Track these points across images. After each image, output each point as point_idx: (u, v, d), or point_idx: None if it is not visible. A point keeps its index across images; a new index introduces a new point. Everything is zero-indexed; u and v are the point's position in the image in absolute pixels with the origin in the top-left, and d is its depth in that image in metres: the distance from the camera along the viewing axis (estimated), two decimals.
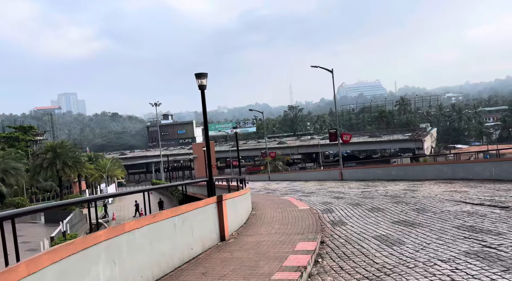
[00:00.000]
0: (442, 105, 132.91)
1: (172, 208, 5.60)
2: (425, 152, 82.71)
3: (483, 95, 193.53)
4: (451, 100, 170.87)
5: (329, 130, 26.59)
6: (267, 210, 12.06)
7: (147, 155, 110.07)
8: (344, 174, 25.60)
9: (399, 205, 10.66)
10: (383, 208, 10.50)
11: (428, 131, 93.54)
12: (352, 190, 17.14)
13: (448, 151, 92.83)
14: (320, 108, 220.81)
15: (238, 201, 9.11)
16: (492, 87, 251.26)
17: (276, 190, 23.91)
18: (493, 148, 71.08)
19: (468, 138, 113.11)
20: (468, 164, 16.11)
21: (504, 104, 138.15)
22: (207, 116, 7.35)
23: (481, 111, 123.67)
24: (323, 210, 11.48)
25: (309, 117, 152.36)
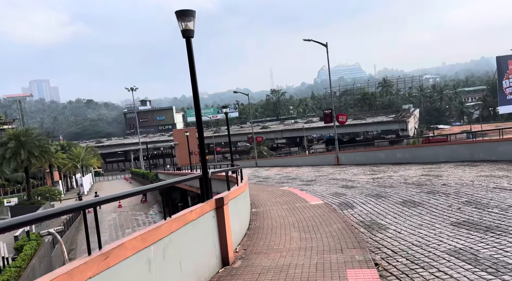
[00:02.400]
0: (423, 87, 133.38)
1: (144, 231, 3.15)
2: (409, 133, 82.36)
3: (460, 76, 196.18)
4: (429, 82, 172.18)
5: (323, 111, 24.39)
6: (270, 207, 9.74)
7: (125, 143, 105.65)
8: (340, 158, 23.58)
9: (438, 196, 8.55)
10: (419, 201, 8.36)
11: (412, 112, 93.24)
12: (359, 177, 15.05)
13: (431, 131, 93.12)
14: (301, 92, 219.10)
15: (239, 201, 6.71)
16: (468, 68, 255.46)
17: (268, 177, 21.66)
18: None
19: (449, 118, 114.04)
20: (490, 143, 14.29)
21: (481, 84, 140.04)
22: (196, 77, 4.85)
23: (461, 92, 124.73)
24: (340, 205, 9.27)
25: (291, 101, 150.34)
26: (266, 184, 17.62)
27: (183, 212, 4.03)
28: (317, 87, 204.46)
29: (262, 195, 12.67)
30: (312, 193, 12.11)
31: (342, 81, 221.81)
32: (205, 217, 4.53)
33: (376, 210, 8.14)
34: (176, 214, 3.93)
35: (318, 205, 9.21)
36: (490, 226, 5.55)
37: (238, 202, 6.58)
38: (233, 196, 5.97)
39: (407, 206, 8.02)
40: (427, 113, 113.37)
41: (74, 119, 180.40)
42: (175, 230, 3.64)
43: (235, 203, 6.19)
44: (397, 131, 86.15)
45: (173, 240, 3.60)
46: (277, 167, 32.85)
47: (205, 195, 4.77)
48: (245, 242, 6.28)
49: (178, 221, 3.77)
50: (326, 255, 5.00)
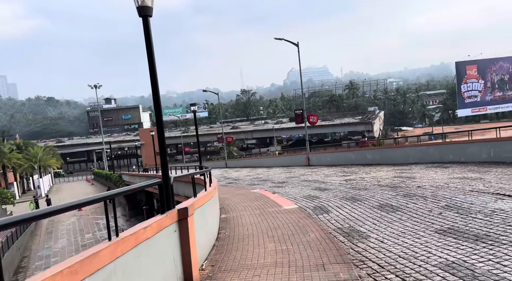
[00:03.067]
0: (387, 89, 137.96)
1: (74, 261, 2.34)
2: (375, 135, 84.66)
3: (421, 80, 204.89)
4: (392, 85, 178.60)
5: (295, 111, 24.03)
6: (241, 212, 9.04)
7: (88, 142, 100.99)
8: (311, 159, 23.31)
9: (415, 200, 8.22)
10: (397, 205, 7.98)
11: (377, 114, 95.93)
12: (331, 178, 14.70)
13: (395, 133, 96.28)
14: (271, 93, 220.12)
15: (208, 208, 5.95)
16: (429, 72, 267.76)
17: (239, 179, 20.95)
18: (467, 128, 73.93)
19: (412, 120, 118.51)
20: (459, 144, 14.41)
21: (441, 88, 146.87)
22: (155, 64, 4.07)
23: (422, 95, 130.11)
24: (315, 209, 8.73)
25: (261, 102, 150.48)
26: (236, 186, 16.90)
27: (134, 229, 3.23)
28: (287, 89, 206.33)
29: (233, 198, 11.95)
30: (285, 195, 11.55)
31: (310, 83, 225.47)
32: (165, 232, 3.75)
33: (353, 215, 7.65)
34: (125, 232, 3.13)
35: (292, 210, 8.62)
36: (479, 235, 5.16)
37: (206, 209, 5.82)
38: (200, 204, 5.21)
39: (385, 211, 7.60)
40: (391, 115, 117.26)
41: (33, 118, 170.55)
42: (122, 253, 2.85)
43: (203, 211, 5.43)
44: (363, 133, 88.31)
45: (120, 267, 2.80)
46: (248, 167, 32.22)
47: (165, 205, 3.98)
48: (213, 256, 5.53)
49: (127, 241, 2.97)
50: (306, 272, 4.36)
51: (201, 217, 5.08)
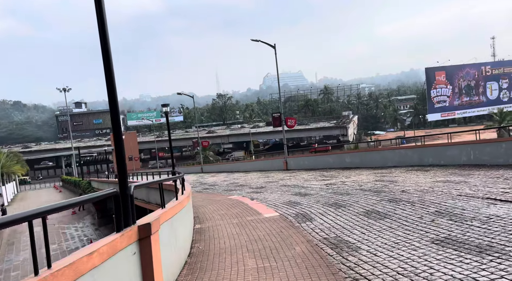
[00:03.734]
0: (360, 95, 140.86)
1: None
2: (349, 139, 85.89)
3: (392, 86, 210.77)
4: (365, 91, 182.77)
5: (272, 114, 23.49)
6: (217, 221, 8.27)
7: (57, 148, 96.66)
8: (289, 163, 22.81)
9: (402, 205, 7.75)
10: (384, 211, 7.47)
11: (351, 118, 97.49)
12: (311, 183, 14.17)
13: (368, 137, 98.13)
14: (247, 98, 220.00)
15: (178, 221, 5.17)
16: (399, 79, 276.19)
17: (215, 184, 20.11)
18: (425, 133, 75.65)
19: (384, 125, 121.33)
20: (439, 147, 14.28)
21: (411, 93, 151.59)
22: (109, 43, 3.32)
23: (394, 100, 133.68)
24: (297, 216, 8.11)
25: (237, 106, 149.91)
26: (212, 192, 16.08)
27: (74, 256, 2.45)
28: (263, 93, 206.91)
29: (209, 206, 11.15)
30: (264, 202, 10.88)
31: (286, 88, 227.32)
32: (120, 256, 2.97)
33: (338, 223, 7.08)
34: (60, 262, 2.34)
35: (273, 218, 7.95)
36: (481, 246, 4.68)
37: (177, 222, 5.05)
38: (169, 216, 4.44)
39: (372, 218, 7.07)
40: (364, 120, 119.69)
41: None
42: None
43: (172, 224, 4.65)
44: (338, 137, 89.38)
45: None
46: (224, 172, 31.37)
47: (121, 221, 3.20)
48: (183, 277, 4.75)
49: (62, 276, 2.18)
50: None
51: (169, 232, 4.31)
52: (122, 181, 3.40)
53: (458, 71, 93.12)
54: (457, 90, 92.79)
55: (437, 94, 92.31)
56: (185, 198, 6.25)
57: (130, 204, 3.30)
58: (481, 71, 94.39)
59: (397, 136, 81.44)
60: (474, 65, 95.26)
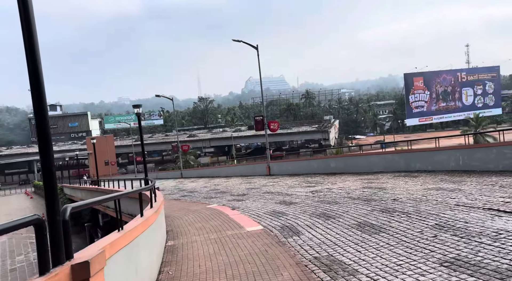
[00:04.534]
0: (341, 99, 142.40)
1: None
2: (330, 143, 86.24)
3: (371, 91, 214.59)
4: (345, 95, 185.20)
5: (254, 117, 22.74)
6: (193, 237, 7.38)
7: (29, 152, 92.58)
8: (272, 168, 22.08)
9: (397, 217, 7.10)
10: (378, 224, 6.79)
11: (332, 123, 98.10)
12: (296, 190, 13.45)
13: (349, 141, 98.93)
14: (229, 101, 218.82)
15: (142, 245, 4.27)
16: (378, 84, 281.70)
17: (194, 190, 19.13)
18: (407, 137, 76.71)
19: (364, 129, 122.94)
20: (426, 152, 13.86)
21: (390, 99, 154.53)
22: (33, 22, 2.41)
23: (374, 105, 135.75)
24: (283, 230, 7.33)
25: (219, 110, 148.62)
26: (191, 200, 15.11)
27: None
28: (245, 97, 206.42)
29: (185, 216, 10.22)
30: (246, 212, 10.06)
31: (268, 92, 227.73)
32: None
33: (329, 238, 6.34)
34: None
35: (256, 233, 7.14)
36: (500, 270, 4.01)
37: (139, 247, 4.15)
38: (127, 242, 3.55)
39: (366, 232, 6.37)
40: (345, 124, 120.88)
41: None
42: None
43: (131, 252, 3.76)
44: (320, 141, 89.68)
45: None
46: (205, 177, 30.32)
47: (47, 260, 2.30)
48: None
49: None
50: None
51: (126, 263, 3.43)
52: (51, 203, 2.50)
53: (435, 77, 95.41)
54: (435, 96, 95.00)
55: (415, 99, 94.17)
56: (152, 214, 5.35)
57: (63, 233, 2.40)
58: (457, 78, 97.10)
59: (377, 141, 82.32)
60: (450, 71, 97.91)
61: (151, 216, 5.11)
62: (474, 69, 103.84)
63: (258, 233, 7.11)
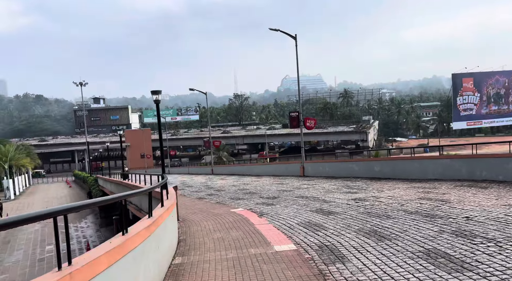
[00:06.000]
0: (381, 100, 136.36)
1: None
2: (369, 144, 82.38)
3: (414, 92, 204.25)
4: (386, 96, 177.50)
5: (289, 113, 21.03)
6: (208, 253, 5.90)
7: (72, 142, 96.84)
8: (306, 169, 20.28)
9: (481, 245, 5.18)
10: (456, 255, 4.92)
11: (372, 123, 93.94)
12: (334, 195, 11.64)
13: (389, 143, 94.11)
14: (264, 99, 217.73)
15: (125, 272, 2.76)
16: (421, 85, 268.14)
17: (222, 189, 17.79)
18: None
19: (406, 131, 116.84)
20: (496, 158, 11.51)
21: (434, 100, 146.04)
22: None
23: (417, 106, 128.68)
24: (322, 252, 5.66)
25: (254, 107, 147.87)
26: (216, 201, 13.73)
27: None
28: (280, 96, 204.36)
29: (204, 222, 8.81)
30: (276, 220, 8.46)
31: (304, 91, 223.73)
32: None
33: (388, 272, 4.58)
34: None
35: (287, 254, 5.51)
36: None
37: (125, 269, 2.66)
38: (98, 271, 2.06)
39: (443, 268, 4.54)
40: (385, 125, 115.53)
41: (19, 115, 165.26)
42: None
43: None
44: (357, 142, 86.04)
45: None
46: (235, 175, 29.06)
47: None
48: None
49: None
50: None
51: None
52: None
53: (487, 78, 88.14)
54: (485, 98, 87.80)
55: (463, 101, 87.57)
56: (150, 225, 3.89)
57: None
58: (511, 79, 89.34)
59: (420, 145, 77.32)
60: (504, 72, 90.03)
61: (143, 230, 3.65)
62: None
63: (290, 255, 5.47)
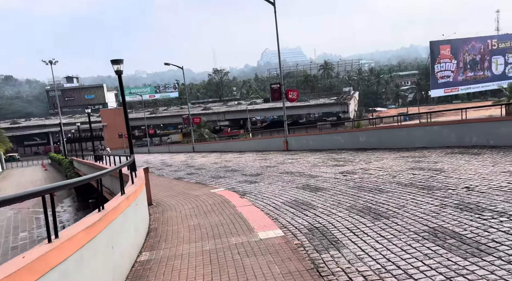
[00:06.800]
0: (361, 70, 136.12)
1: None
2: (350, 116, 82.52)
3: (392, 62, 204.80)
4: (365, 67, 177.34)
5: (271, 85, 19.99)
6: (180, 246, 5.06)
7: (46, 124, 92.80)
8: (290, 143, 19.57)
9: (493, 220, 4.55)
10: (469, 235, 4.28)
11: (352, 95, 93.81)
12: (321, 170, 10.97)
13: (370, 114, 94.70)
14: (244, 74, 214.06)
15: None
16: (399, 54, 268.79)
17: (203, 167, 16.93)
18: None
19: (385, 101, 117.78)
20: (487, 123, 11.01)
21: (412, 69, 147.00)
22: None
23: (396, 76, 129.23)
24: (312, 236, 4.95)
25: (234, 82, 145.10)
26: (195, 180, 12.88)
27: None
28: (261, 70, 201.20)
29: (180, 206, 7.97)
30: (260, 199, 7.71)
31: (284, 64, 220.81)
32: None
33: (391, 258, 3.90)
34: None
35: (273, 243, 4.75)
36: None
37: None
38: None
39: (454, 251, 3.88)
40: (365, 96, 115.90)
41: None
42: None
43: None
44: (338, 114, 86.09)
45: None
46: (217, 152, 28.17)
47: None
48: None
49: None
50: None
51: None
52: None
53: (463, 45, 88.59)
54: (462, 65, 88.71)
55: (441, 69, 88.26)
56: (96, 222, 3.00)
57: None
58: (487, 45, 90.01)
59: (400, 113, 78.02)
60: (480, 38, 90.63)
61: (93, 227, 2.78)
62: (507, 35, 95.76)
63: (277, 244, 4.71)
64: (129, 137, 9.27)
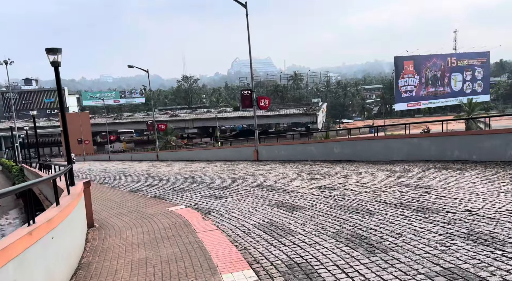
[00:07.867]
0: (329, 83, 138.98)
1: None
2: (318, 126, 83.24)
3: (358, 76, 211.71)
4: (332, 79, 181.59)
5: (241, 91, 18.86)
6: None
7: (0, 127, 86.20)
8: (261, 152, 18.46)
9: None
10: (483, 276, 3.27)
11: (320, 106, 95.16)
12: (296, 184, 9.88)
13: (337, 125, 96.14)
14: (214, 82, 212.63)
15: None
16: (364, 69, 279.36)
17: (165, 178, 15.37)
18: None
19: (352, 113, 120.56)
20: (469, 136, 10.46)
21: (377, 83, 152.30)
22: None
23: (361, 89, 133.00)
24: (291, 275, 3.78)
25: (204, 90, 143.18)
26: (154, 194, 11.36)
27: None
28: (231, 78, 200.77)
29: (128, 230, 6.53)
30: (227, 221, 6.45)
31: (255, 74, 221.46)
32: None
33: None
34: None
35: None
36: None
37: None
38: None
39: None
40: (333, 108, 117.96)
41: None
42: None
43: None
44: (307, 124, 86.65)
45: None
46: (183, 161, 26.53)
47: None
48: None
49: None
50: None
51: None
52: None
53: (425, 61, 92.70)
54: (424, 81, 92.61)
55: (404, 84, 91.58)
56: None
57: None
58: (447, 62, 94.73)
59: (366, 125, 79.58)
60: (441, 56, 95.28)
61: None
62: (465, 54, 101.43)
63: None
64: (67, 143, 7.71)
